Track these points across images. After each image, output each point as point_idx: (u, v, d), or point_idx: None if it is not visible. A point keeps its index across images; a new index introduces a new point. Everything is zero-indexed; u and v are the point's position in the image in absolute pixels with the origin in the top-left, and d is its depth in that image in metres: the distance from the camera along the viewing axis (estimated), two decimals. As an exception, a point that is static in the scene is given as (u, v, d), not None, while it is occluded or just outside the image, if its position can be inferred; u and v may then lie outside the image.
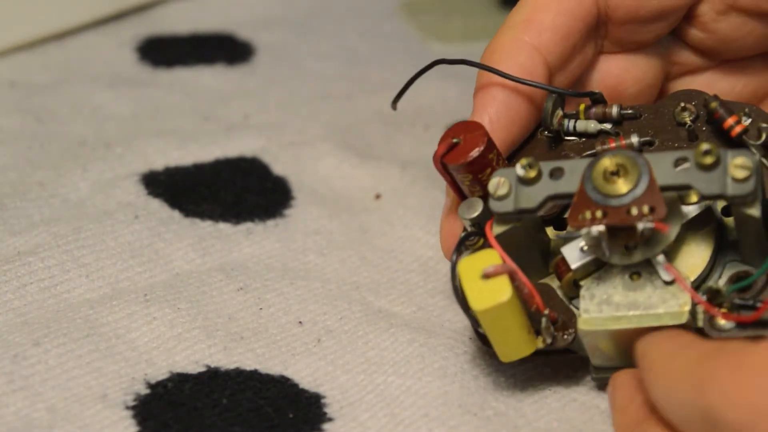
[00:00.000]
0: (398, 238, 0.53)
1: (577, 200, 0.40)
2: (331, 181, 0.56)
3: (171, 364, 0.44)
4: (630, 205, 0.39)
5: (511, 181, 0.41)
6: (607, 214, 0.39)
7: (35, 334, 0.44)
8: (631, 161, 0.39)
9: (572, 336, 0.41)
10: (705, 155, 0.39)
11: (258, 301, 0.48)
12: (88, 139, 0.57)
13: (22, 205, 0.51)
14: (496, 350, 0.41)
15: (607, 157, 0.40)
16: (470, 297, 0.39)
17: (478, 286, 0.39)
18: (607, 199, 0.39)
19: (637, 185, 0.39)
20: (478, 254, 0.40)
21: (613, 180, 0.39)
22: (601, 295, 0.41)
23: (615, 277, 0.41)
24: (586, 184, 0.40)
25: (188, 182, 0.54)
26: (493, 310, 0.39)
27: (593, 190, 0.39)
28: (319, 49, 0.68)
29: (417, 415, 0.43)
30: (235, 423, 0.42)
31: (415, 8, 0.75)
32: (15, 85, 0.61)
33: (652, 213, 0.39)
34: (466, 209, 0.43)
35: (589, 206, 0.39)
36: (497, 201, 0.41)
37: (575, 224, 0.39)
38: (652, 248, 0.40)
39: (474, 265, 0.40)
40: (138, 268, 0.48)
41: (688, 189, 0.39)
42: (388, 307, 0.48)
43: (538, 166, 0.41)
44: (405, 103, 0.64)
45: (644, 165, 0.39)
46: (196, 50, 0.66)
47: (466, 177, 0.43)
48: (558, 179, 0.41)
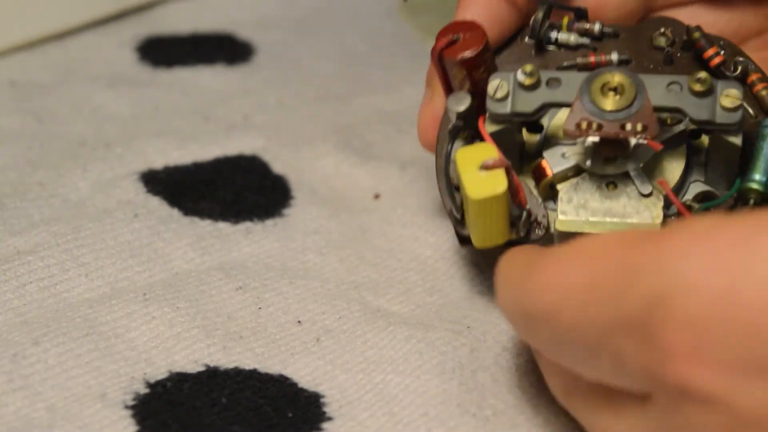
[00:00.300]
0: (397, 237, 0.53)
1: (574, 110, 0.42)
2: (331, 180, 0.56)
3: (170, 363, 0.44)
4: (625, 121, 0.41)
5: (509, 84, 0.43)
6: (602, 127, 0.42)
7: (35, 333, 0.44)
8: (628, 80, 0.42)
9: (543, 232, 0.44)
10: (698, 82, 0.42)
11: (257, 300, 0.48)
12: (88, 139, 0.57)
13: (22, 205, 0.51)
14: (473, 236, 0.43)
15: (606, 74, 0.42)
16: (467, 186, 0.41)
17: (475, 176, 0.41)
18: (603, 113, 0.42)
19: (632, 103, 0.42)
20: (475, 146, 0.42)
21: (609, 96, 0.42)
22: (579, 200, 0.44)
23: (592, 185, 0.44)
24: (583, 96, 0.42)
25: (187, 180, 0.54)
26: (488, 200, 0.41)
27: (590, 103, 0.42)
28: (319, 49, 0.68)
29: (416, 414, 0.43)
30: (235, 422, 0.42)
31: (415, 8, 0.75)
32: (15, 85, 0.61)
33: (645, 131, 0.41)
34: (455, 102, 0.44)
35: (585, 117, 0.42)
36: (495, 102, 0.43)
37: (571, 132, 0.42)
38: (632, 162, 0.43)
39: (472, 156, 0.41)
40: (137, 268, 0.49)
41: (678, 112, 0.42)
42: (386, 306, 0.48)
43: (537, 74, 0.43)
44: (405, 103, 0.64)
45: (641, 85, 0.42)
46: (196, 50, 0.66)
47: (460, 72, 0.45)
48: (554, 89, 0.43)
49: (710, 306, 0.32)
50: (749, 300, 0.32)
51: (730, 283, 0.32)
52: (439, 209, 0.54)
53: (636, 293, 0.34)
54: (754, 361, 0.32)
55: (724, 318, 0.32)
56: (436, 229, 0.53)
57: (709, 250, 0.33)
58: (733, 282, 0.32)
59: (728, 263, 0.32)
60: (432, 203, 0.54)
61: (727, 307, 0.32)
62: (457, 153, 0.42)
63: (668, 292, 0.33)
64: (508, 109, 0.43)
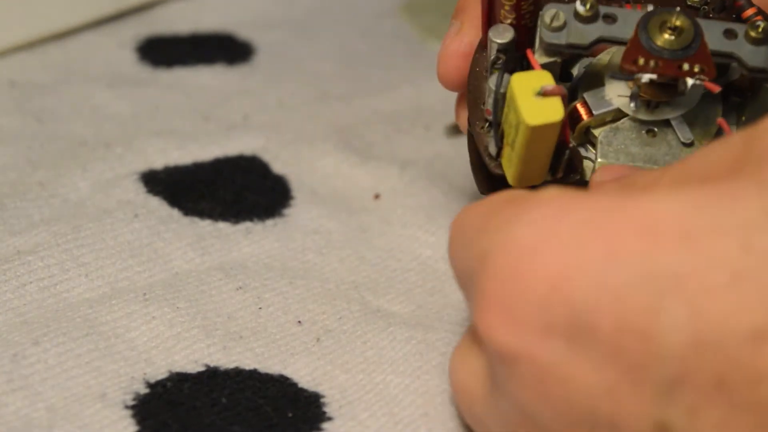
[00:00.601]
0: (397, 237, 0.53)
1: (631, 46, 0.41)
2: (331, 180, 0.56)
3: (170, 363, 0.44)
4: (682, 61, 0.41)
5: (566, 15, 0.42)
6: (659, 65, 0.41)
7: (34, 333, 0.44)
8: (687, 21, 0.41)
9: (578, 176, 0.43)
10: (755, 29, 0.42)
11: (257, 300, 0.48)
12: (88, 139, 0.57)
13: (22, 205, 0.51)
14: (512, 172, 0.42)
15: (665, 13, 0.41)
16: (524, 111, 0.40)
17: (532, 102, 0.40)
18: (662, 51, 0.41)
19: (691, 44, 0.41)
20: (531, 72, 0.41)
21: (668, 35, 0.41)
22: (619, 144, 0.43)
23: (632, 131, 0.43)
24: (641, 33, 0.41)
25: (187, 180, 0.54)
26: (544, 128, 0.40)
27: (648, 40, 0.41)
28: (319, 49, 0.68)
29: (416, 414, 0.43)
30: (235, 422, 0.42)
31: (415, 8, 0.75)
32: (15, 85, 0.61)
33: (702, 72, 0.41)
34: (498, 33, 0.43)
35: (643, 54, 0.41)
36: (551, 32, 0.42)
37: (629, 67, 0.41)
38: (674, 109, 0.43)
39: (528, 82, 0.40)
40: (137, 268, 0.49)
41: (732, 59, 0.42)
42: (386, 307, 0.48)
43: (596, 7, 0.42)
44: (405, 103, 0.64)
45: (699, 27, 0.41)
46: (196, 50, 0.66)
47: (509, 2, 0.43)
48: (610, 24, 0.42)
49: (517, 267, 0.34)
50: (549, 264, 0.33)
51: (538, 247, 0.34)
52: (439, 209, 0.54)
53: (475, 249, 0.36)
54: (548, 322, 0.33)
55: (528, 279, 0.34)
56: (436, 229, 0.53)
57: (533, 216, 0.34)
58: (540, 247, 0.34)
59: (541, 229, 0.34)
60: (432, 203, 0.54)
61: (530, 269, 0.34)
62: (512, 77, 0.41)
63: (491, 251, 0.35)
64: (563, 40, 0.42)
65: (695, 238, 0.32)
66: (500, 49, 0.43)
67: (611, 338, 0.32)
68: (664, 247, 0.32)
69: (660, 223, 0.33)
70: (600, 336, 0.32)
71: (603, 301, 0.32)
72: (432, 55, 0.69)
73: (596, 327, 0.32)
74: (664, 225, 0.32)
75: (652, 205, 0.33)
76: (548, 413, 0.34)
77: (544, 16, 0.42)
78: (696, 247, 0.32)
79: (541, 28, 0.43)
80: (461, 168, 0.58)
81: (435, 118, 0.62)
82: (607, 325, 0.32)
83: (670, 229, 0.32)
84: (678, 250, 0.32)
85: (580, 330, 0.33)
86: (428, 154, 0.59)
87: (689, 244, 0.32)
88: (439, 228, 0.53)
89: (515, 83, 0.40)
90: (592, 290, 0.33)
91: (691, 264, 0.32)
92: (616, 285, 0.32)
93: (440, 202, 0.55)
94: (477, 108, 0.45)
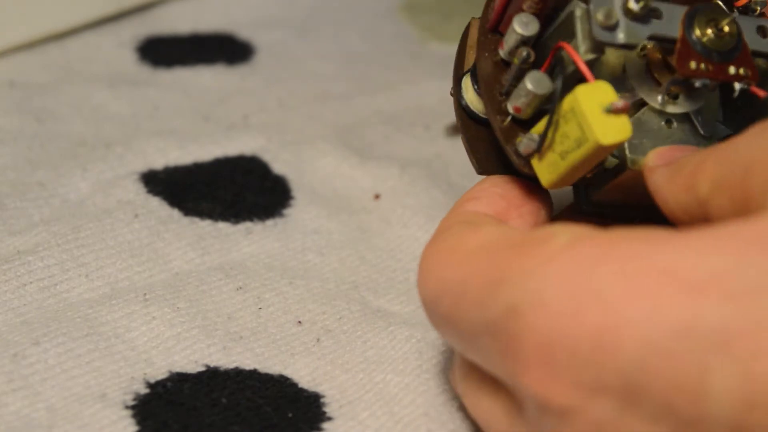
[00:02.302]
0: (397, 237, 0.53)
1: (682, 48, 0.40)
2: (331, 180, 0.56)
3: (170, 363, 0.44)
4: (729, 64, 0.40)
5: (617, 12, 0.40)
6: (709, 69, 0.40)
7: (35, 333, 0.44)
8: (729, 21, 0.40)
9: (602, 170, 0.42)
10: None
11: (257, 300, 0.48)
12: (88, 139, 0.57)
13: (22, 205, 0.51)
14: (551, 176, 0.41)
15: (709, 11, 0.40)
16: (597, 130, 0.38)
17: (601, 120, 0.38)
18: (711, 54, 0.40)
19: (736, 46, 0.40)
20: (595, 85, 0.39)
21: (713, 34, 0.40)
22: (641, 135, 0.42)
23: (653, 122, 0.42)
24: (688, 32, 0.40)
25: (187, 180, 0.54)
26: (613, 145, 0.38)
27: (696, 41, 0.40)
28: (319, 49, 0.68)
29: (416, 414, 0.43)
30: (235, 422, 0.42)
31: (415, 8, 0.75)
32: (15, 85, 0.61)
33: (747, 77, 0.40)
34: (524, 24, 0.42)
35: (694, 57, 0.40)
36: (605, 30, 0.40)
37: (686, 71, 0.40)
38: (694, 101, 0.42)
39: (595, 97, 0.39)
40: (137, 268, 0.49)
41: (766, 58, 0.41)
42: (386, 307, 0.49)
43: (648, 4, 0.40)
44: (405, 103, 0.64)
45: (740, 26, 0.40)
46: (196, 50, 0.66)
47: None
48: (657, 20, 0.41)
49: (558, 326, 0.33)
50: (594, 320, 0.32)
51: (578, 302, 0.33)
52: (439, 209, 0.54)
53: (496, 302, 0.35)
54: (599, 379, 0.33)
55: (572, 337, 0.33)
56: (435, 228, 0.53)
57: (560, 268, 0.34)
58: (580, 301, 0.33)
59: (575, 284, 0.33)
60: (432, 203, 0.54)
61: (572, 327, 0.33)
62: (577, 91, 0.39)
63: (522, 308, 0.34)
64: (619, 39, 0.40)
65: (740, 296, 0.31)
66: (525, 41, 0.42)
67: (661, 397, 0.32)
68: (709, 304, 0.31)
69: (702, 279, 0.32)
70: (650, 394, 0.32)
71: (650, 361, 0.32)
72: (432, 55, 0.70)
73: (645, 386, 0.32)
74: (708, 281, 0.32)
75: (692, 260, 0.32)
76: None
77: (596, 13, 0.40)
78: (742, 305, 0.31)
79: (593, 26, 0.40)
80: (461, 168, 0.58)
81: (435, 118, 0.63)
82: (657, 385, 0.32)
83: (714, 285, 0.32)
84: (723, 308, 0.31)
85: (629, 388, 0.32)
86: (428, 154, 0.59)
87: (735, 302, 0.31)
88: (439, 228, 0.53)
89: (582, 98, 0.39)
90: (637, 349, 0.32)
91: (738, 323, 0.31)
92: (662, 344, 0.32)
93: (440, 202, 0.55)
94: (493, 98, 0.43)
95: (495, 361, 0.36)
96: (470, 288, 0.36)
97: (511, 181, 0.43)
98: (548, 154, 0.40)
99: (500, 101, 0.43)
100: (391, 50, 0.70)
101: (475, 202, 0.42)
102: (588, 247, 0.34)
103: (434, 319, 0.39)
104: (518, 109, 0.42)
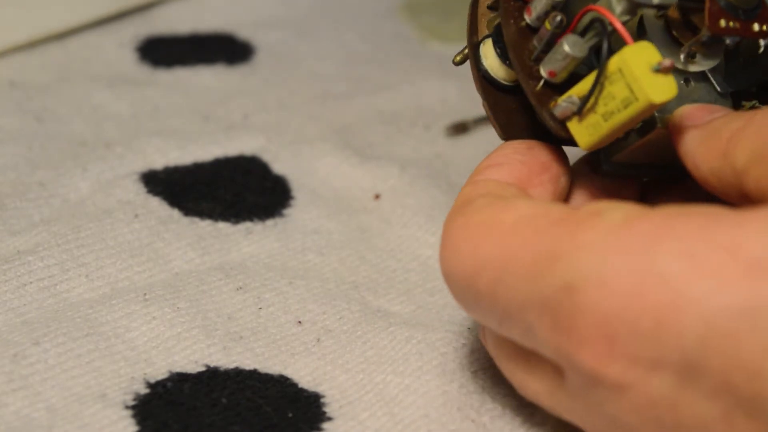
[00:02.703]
0: (397, 237, 0.53)
1: (712, 6, 0.41)
2: (331, 180, 0.56)
3: (170, 363, 0.44)
4: (753, 22, 0.40)
5: None
6: (737, 27, 0.40)
7: (35, 333, 0.44)
8: None
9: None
10: None
11: (257, 300, 0.48)
12: (88, 139, 0.57)
13: (22, 205, 0.51)
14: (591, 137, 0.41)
15: None
16: (650, 89, 0.39)
17: (651, 79, 0.39)
18: (736, 11, 0.40)
19: (758, 3, 0.41)
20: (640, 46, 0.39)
21: None
22: None
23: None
24: None
25: (187, 181, 0.54)
26: (663, 104, 0.39)
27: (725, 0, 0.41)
28: (319, 49, 0.68)
29: (416, 415, 0.43)
30: (235, 422, 0.42)
31: (415, 8, 0.75)
32: (15, 85, 0.61)
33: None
34: None
35: (725, 15, 0.40)
36: None
37: (717, 29, 0.40)
38: (711, 60, 0.42)
39: (642, 57, 0.39)
40: (137, 268, 0.49)
41: None
42: (386, 307, 0.49)
43: None
44: (405, 103, 0.64)
45: None
46: (196, 50, 0.66)
47: None
48: None
49: (619, 303, 0.33)
50: (655, 299, 0.33)
51: (639, 280, 0.33)
52: (439, 209, 0.54)
53: (549, 278, 0.35)
54: (659, 356, 0.33)
55: (633, 315, 0.33)
56: (436, 229, 0.53)
57: (620, 246, 0.34)
58: (641, 280, 0.33)
59: (636, 262, 0.33)
60: (432, 203, 0.54)
61: (636, 304, 0.33)
62: (625, 51, 0.39)
63: (581, 285, 0.34)
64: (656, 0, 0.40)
65: None
66: (555, 6, 0.42)
67: (720, 375, 0.32)
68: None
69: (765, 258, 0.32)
70: (709, 372, 0.32)
71: (711, 340, 0.32)
72: (432, 55, 0.70)
73: (705, 364, 0.32)
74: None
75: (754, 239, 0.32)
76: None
77: None
78: None
79: None
80: (461, 168, 0.58)
81: (435, 118, 0.63)
82: (716, 363, 0.32)
83: None
84: None
85: (689, 365, 0.33)
86: (428, 154, 0.59)
87: None
88: (439, 228, 0.53)
89: (631, 58, 0.39)
90: (699, 328, 0.32)
91: None
92: (724, 323, 0.32)
93: (440, 202, 0.55)
94: (524, 64, 0.42)
95: (540, 335, 0.36)
96: (517, 264, 0.36)
97: (532, 147, 0.43)
98: (589, 116, 0.41)
99: (531, 66, 0.42)
100: (391, 50, 0.70)
101: (498, 169, 0.41)
102: (646, 225, 0.34)
103: (465, 296, 0.38)
104: (553, 73, 0.42)
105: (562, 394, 0.37)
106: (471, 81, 0.46)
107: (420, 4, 0.75)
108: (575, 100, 0.40)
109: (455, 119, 0.62)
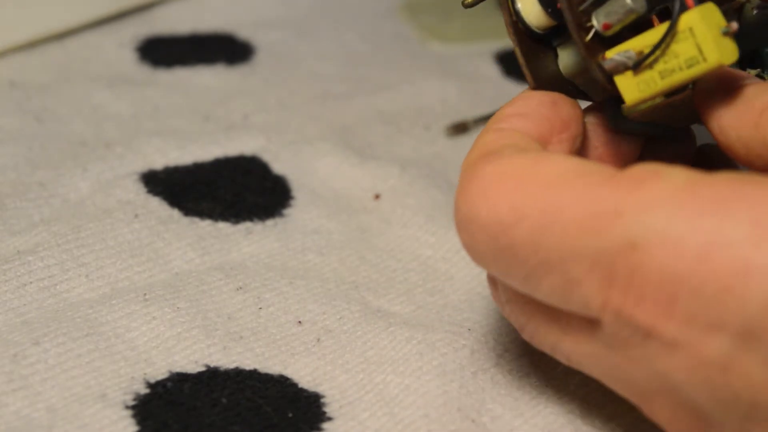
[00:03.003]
0: (397, 237, 0.53)
1: None
2: (331, 180, 0.56)
3: (170, 363, 0.44)
4: None
5: None
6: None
7: (35, 333, 0.44)
8: None
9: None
10: None
11: (257, 300, 0.48)
12: (88, 139, 0.57)
13: (22, 205, 0.51)
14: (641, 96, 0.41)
15: None
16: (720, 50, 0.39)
17: (719, 41, 0.39)
18: None
19: None
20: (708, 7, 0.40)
21: None
22: None
23: None
24: None
25: (187, 181, 0.54)
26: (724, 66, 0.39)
27: None
28: (319, 49, 0.68)
29: (416, 416, 0.43)
30: (235, 422, 0.42)
31: (415, 8, 0.75)
32: (15, 85, 0.61)
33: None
34: None
35: None
36: None
37: None
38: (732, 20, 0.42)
39: (712, 19, 0.39)
40: (137, 268, 0.49)
41: None
42: (386, 307, 0.48)
43: None
44: (405, 103, 0.64)
45: None
46: (196, 50, 0.66)
47: None
48: None
49: (684, 265, 0.33)
50: (722, 263, 0.33)
51: (707, 244, 0.33)
52: (439, 209, 0.54)
53: (607, 235, 0.35)
54: (719, 319, 0.33)
55: (698, 277, 0.33)
56: (436, 229, 0.53)
57: (688, 206, 0.34)
58: (709, 244, 0.33)
59: (706, 224, 0.34)
60: (432, 203, 0.54)
61: (702, 267, 0.33)
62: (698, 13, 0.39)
63: (644, 244, 0.34)
64: None
65: None
66: None
67: None
68: None
69: None
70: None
71: None
72: (432, 55, 0.70)
73: (766, 330, 0.33)
74: None
75: None
76: (704, 394, 0.35)
77: None
78: None
79: None
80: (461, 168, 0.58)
81: (435, 118, 0.63)
82: None
83: None
84: None
85: (748, 330, 0.33)
86: (428, 154, 0.59)
87: None
88: (439, 228, 0.53)
89: (702, 19, 0.39)
90: (764, 296, 0.32)
91: None
92: None
93: (440, 202, 0.55)
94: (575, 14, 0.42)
95: (584, 288, 0.35)
96: (566, 216, 0.36)
97: (556, 102, 0.42)
98: (645, 72, 0.41)
99: (580, 16, 0.42)
100: (391, 50, 0.70)
101: (522, 120, 0.41)
102: (711, 189, 0.34)
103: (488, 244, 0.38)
104: (608, 25, 0.41)
105: (594, 347, 0.37)
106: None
107: (420, 4, 0.75)
108: (632, 54, 0.40)
109: (455, 119, 0.62)
